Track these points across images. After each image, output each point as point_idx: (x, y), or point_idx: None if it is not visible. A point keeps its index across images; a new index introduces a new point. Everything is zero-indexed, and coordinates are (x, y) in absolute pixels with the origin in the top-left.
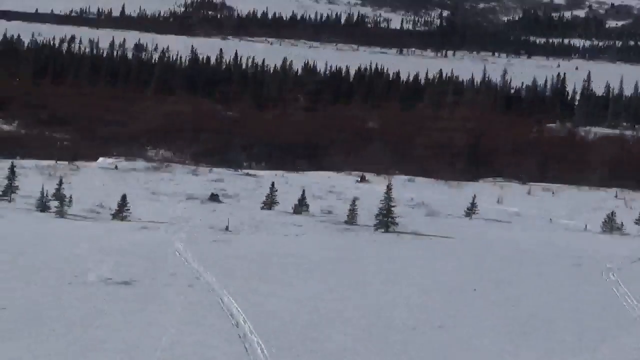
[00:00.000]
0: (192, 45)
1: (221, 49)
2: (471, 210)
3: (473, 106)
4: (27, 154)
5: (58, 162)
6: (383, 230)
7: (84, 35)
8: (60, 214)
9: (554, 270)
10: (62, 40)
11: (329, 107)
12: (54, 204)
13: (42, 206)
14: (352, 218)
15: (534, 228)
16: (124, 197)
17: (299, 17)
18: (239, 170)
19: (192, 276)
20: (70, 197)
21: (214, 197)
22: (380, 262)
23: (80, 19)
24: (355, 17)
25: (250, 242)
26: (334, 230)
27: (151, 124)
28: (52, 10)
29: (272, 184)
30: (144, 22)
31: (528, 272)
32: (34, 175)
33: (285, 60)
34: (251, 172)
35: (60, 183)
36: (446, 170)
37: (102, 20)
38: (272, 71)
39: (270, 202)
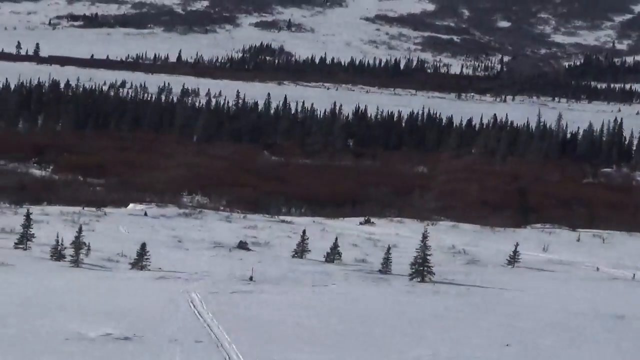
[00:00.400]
0: (238, 91)
1: (269, 94)
2: (513, 259)
3: (526, 151)
4: (56, 200)
5: (85, 208)
6: (419, 280)
7: (137, 80)
8: (75, 263)
9: (591, 327)
10: (111, 85)
11: (378, 152)
12: (70, 252)
13: (57, 255)
14: (386, 267)
15: (578, 278)
16: (143, 246)
17: (357, 63)
18: (275, 217)
19: (202, 331)
20: (88, 246)
21: (242, 245)
22: (409, 316)
23: (135, 64)
24: (414, 63)
25: (272, 294)
26: (366, 280)
27: (190, 170)
28: (107, 56)
29: (304, 232)
30: (200, 68)
31: (563, 331)
32: (56, 222)
33: (334, 104)
34: (287, 218)
35: (80, 230)
36: (494, 217)
37: (158, 66)
38: (321, 116)
39: (301, 251)
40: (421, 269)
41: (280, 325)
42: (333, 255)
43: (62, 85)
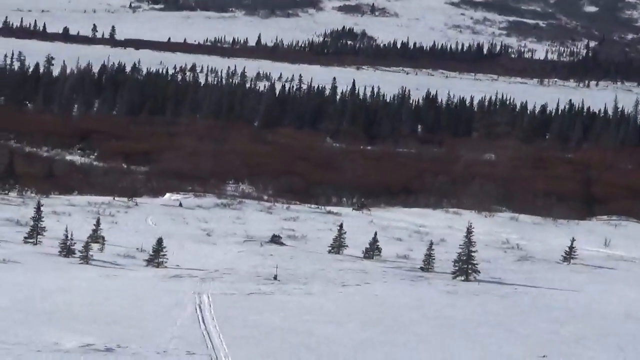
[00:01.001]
0: (300, 75)
1: (334, 78)
2: (569, 255)
3: (601, 138)
4: (88, 189)
5: (116, 198)
6: (462, 279)
7: (211, 64)
8: (85, 260)
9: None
10: (181, 69)
11: (446, 139)
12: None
13: (66, 251)
14: (428, 264)
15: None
16: (160, 241)
17: (439, 48)
18: (322, 207)
19: (199, 341)
20: (103, 240)
21: (275, 240)
22: (441, 321)
23: (212, 48)
24: (498, 48)
25: (293, 295)
26: (404, 279)
27: (241, 158)
28: (185, 40)
29: (341, 226)
30: (278, 53)
31: (611, 342)
32: (79, 214)
33: (402, 89)
34: (335, 209)
35: (98, 223)
36: (558, 207)
37: (235, 50)
38: (388, 101)
39: (338, 246)
40: (465, 267)
41: (289, 333)
42: (372, 250)
43: (129, 69)
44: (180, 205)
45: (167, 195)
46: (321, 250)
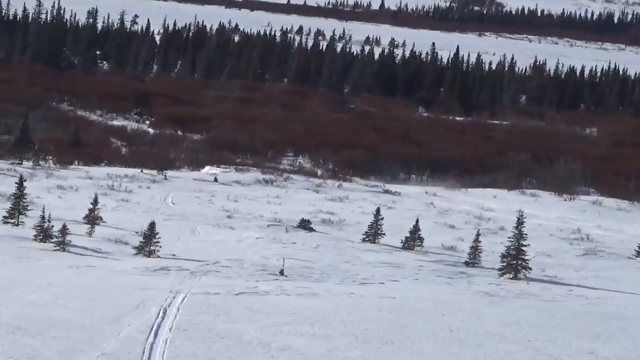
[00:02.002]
0: (405, 41)
1: (433, 43)
2: None
3: None
4: (120, 159)
5: (144, 171)
6: (510, 276)
7: (324, 27)
8: (61, 246)
9: None
10: (285, 32)
11: (548, 111)
12: (73, 230)
13: (43, 235)
14: (474, 258)
15: None
16: (151, 226)
17: (568, 15)
18: (381, 185)
19: (135, 357)
20: (101, 221)
21: (304, 224)
22: (462, 334)
23: (332, 11)
24: (629, 16)
25: (292, 296)
26: (441, 276)
27: (310, 127)
28: (305, 2)
29: (377, 210)
30: (400, 17)
31: None
32: (90, 189)
33: (504, 57)
34: (396, 188)
35: (95, 201)
36: None
37: (356, 13)
38: (493, 69)
39: (373, 234)
40: (514, 262)
41: (258, 349)
42: (412, 240)
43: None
44: (216, 180)
45: (206, 168)
46: (356, 238)
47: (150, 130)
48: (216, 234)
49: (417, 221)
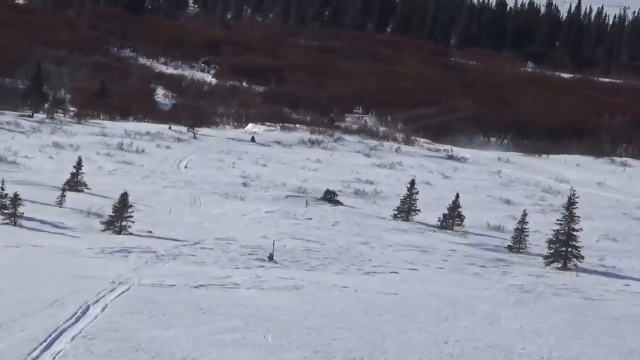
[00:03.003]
0: None
1: None
2: None
3: None
4: (155, 113)
5: (172, 128)
6: (559, 266)
7: None
8: (12, 218)
9: None
10: None
11: None
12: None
13: None
14: (518, 242)
15: None
16: (123, 198)
17: None
18: (448, 149)
19: None
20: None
21: (329, 197)
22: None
23: None
24: None
25: (265, 293)
26: (472, 264)
27: (391, 83)
28: None
29: (412, 183)
30: None
31: None
32: (95, 147)
33: (624, 11)
34: (465, 153)
35: (79, 165)
36: None
37: None
38: (614, 23)
39: (407, 210)
40: (563, 250)
41: None
42: (451, 218)
43: None
44: (253, 140)
45: (249, 125)
46: (388, 214)
47: (213, 81)
48: (220, 205)
49: (457, 196)
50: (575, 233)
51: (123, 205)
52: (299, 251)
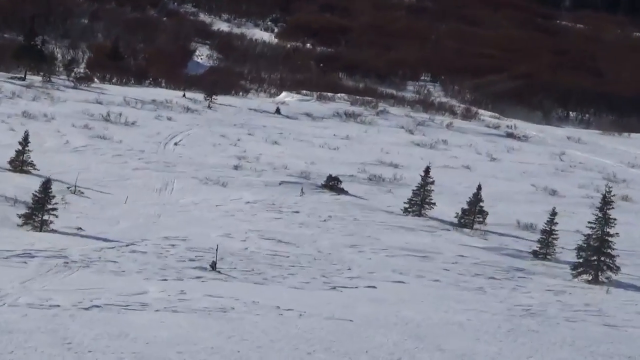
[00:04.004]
0: None
1: None
2: None
3: None
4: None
5: (186, 96)
6: (589, 278)
7: None
8: None
9: None
10: None
11: None
12: None
13: None
14: (546, 247)
15: None
16: (45, 186)
17: None
18: (512, 126)
19: None
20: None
21: (332, 184)
22: None
23: None
24: None
25: (173, 317)
26: (480, 275)
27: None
28: None
29: (426, 170)
30: None
31: None
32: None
33: None
34: (535, 129)
35: (26, 141)
36: None
37: None
38: None
39: (419, 203)
40: (594, 259)
41: None
42: (471, 214)
43: None
44: (278, 112)
45: (283, 94)
46: (398, 207)
47: (273, 41)
48: (194, 194)
49: (479, 188)
50: (610, 238)
51: (45, 195)
52: (260, 257)
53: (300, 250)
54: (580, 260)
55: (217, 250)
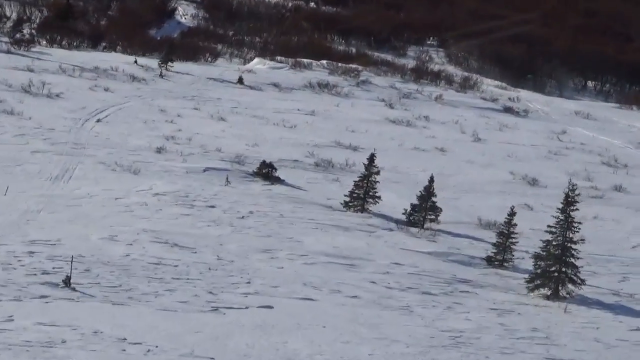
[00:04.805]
0: None
1: None
2: None
3: None
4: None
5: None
6: (547, 293)
7: None
8: None
9: None
10: None
11: None
12: None
13: None
14: (502, 252)
15: None
16: None
17: None
18: (515, 98)
19: None
20: None
21: (266, 171)
22: None
23: None
24: None
25: None
26: (413, 289)
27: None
28: None
29: (371, 157)
30: None
31: None
32: None
33: None
34: (540, 102)
35: None
36: None
37: None
38: None
39: (362, 197)
40: (554, 270)
41: None
42: (423, 211)
43: None
44: (240, 82)
45: (255, 61)
46: (340, 201)
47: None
48: (96, 182)
49: (432, 180)
50: (573, 245)
51: None
52: (139, 267)
53: (196, 257)
54: (538, 271)
55: (72, 261)
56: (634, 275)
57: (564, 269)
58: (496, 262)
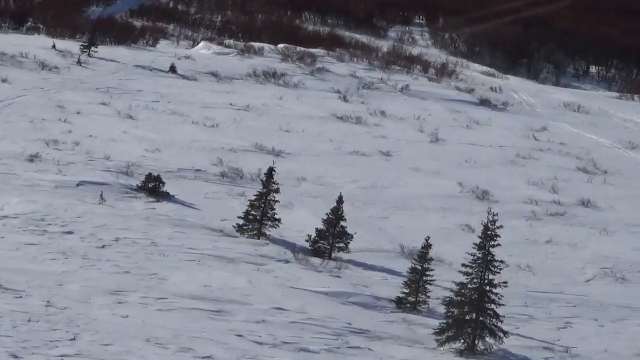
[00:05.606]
0: None
1: None
2: None
3: None
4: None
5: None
6: (462, 347)
7: None
8: None
9: None
10: None
11: None
12: None
13: None
14: (415, 292)
15: None
16: None
17: None
18: (497, 88)
19: None
20: None
21: (152, 185)
22: None
23: None
24: None
25: None
26: (296, 344)
27: None
28: None
29: (269, 171)
30: None
31: None
32: None
33: None
34: (524, 94)
35: None
36: None
37: None
38: None
39: (258, 219)
40: (470, 319)
41: None
42: (330, 237)
43: None
44: (172, 70)
45: (201, 45)
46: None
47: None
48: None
49: (340, 200)
50: (493, 290)
51: None
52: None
53: (19, 303)
54: (449, 321)
55: None
56: (579, 320)
57: (481, 318)
58: (407, 305)
